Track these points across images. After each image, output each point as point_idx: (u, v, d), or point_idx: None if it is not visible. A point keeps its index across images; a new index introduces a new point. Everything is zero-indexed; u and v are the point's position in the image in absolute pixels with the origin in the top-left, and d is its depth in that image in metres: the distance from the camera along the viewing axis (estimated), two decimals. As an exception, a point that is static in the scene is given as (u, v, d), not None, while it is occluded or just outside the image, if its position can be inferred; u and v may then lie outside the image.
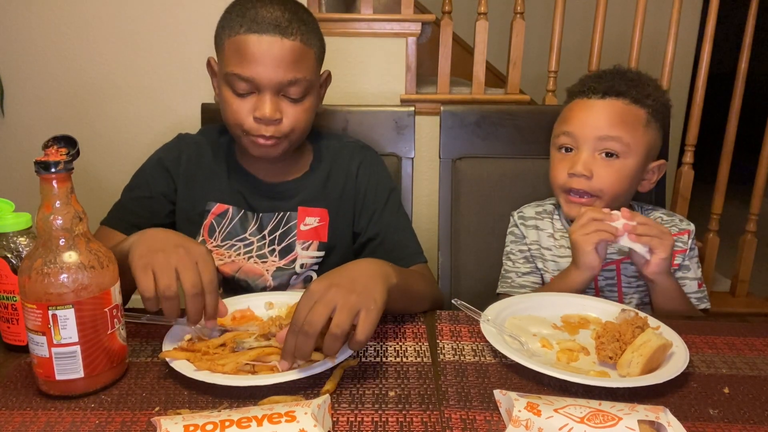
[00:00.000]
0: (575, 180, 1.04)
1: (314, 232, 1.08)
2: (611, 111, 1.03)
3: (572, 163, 1.04)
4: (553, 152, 1.10)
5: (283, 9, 0.95)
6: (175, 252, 0.75)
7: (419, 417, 0.66)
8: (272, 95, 0.95)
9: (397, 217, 1.12)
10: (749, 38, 2.03)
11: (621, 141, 1.02)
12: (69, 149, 0.67)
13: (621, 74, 1.08)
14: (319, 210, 1.08)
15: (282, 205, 1.07)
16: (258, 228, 1.07)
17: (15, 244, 0.75)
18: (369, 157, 1.14)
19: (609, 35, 2.05)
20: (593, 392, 0.70)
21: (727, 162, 2.15)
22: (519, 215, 1.18)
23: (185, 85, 1.98)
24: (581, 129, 1.04)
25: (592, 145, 1.03)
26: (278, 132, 0.97)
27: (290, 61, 0.94)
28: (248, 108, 0.96)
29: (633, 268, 1.08)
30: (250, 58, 0.92)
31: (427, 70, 2.37)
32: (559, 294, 1.05)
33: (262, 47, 0.92)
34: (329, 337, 0.69)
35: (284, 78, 0.94)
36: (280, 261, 1.07)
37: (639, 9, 1.95)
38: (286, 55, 0.93)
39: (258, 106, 0.95)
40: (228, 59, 0.95)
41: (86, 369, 0.68)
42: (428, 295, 0.97)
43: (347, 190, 1.10)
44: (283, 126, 0.97)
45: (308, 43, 0.96)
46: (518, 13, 1.95)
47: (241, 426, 0.58)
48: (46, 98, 1.99)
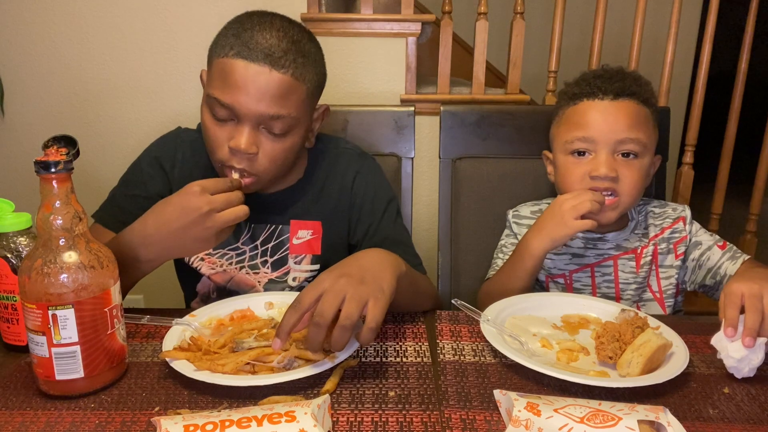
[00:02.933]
0: (598, 184, 1.01)
1: (307, 245, 1.05)
2: (627, 112, 1.02)
3: (594, 166, 1.01)
4: (564, 157, 1.06)
5: (281, 37, 0.88)
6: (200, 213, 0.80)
7: (419, 417, 0.66)
8: (251, 127, 0.88)
9: (395, 228, 1.07)
10: (749, 38, 2.03)
11: (639, 142, 1.01)
12: (69, 149, 0.67)
13: (624, 73, 1.06)
14: (312, 223, 1.05)
15: (274, 218, 1.04)
16: (250, 237, 1.05)
17: (15, 244, 0.75)
18: (366, 167, 1.09)
19: (609, 35, 2.05)
20: (593, 392, 0.70)
21: (727, 162, 2.15)
22: (514, 213, 1.18)
23: (185, 85, 1.98)
24: (599, 133, 1.01)
25: (611, 147, 1.01)
26: (251, 167, 0.90)
27: (275, 95, 0.87)
28: (225, 136, 0.90)
29: (631, 263, 1.08)
30: (233, 84, 0.86)
31: (427, 70, 2.37)
32: (559, 294, 1.06)
33: (247, 75, 0.85)
34: (338, 329, 0.69)
35: (266, 111, 0.87)
36: (273, 273, 1.05)
37: (639, 9, 1.95)
38: (272, 88, 0.86)
39: (234, 135, 0.89)
40: (212, 80, 0.90)
41: (86, 369, 0.68)
42: (431, 293, 0.97)
43: (342, 201, 1.07)
44: (258, 162, 0.91)
45: (300, 78, 0.89)
46: (518, 13, 1.95)
47: (241, 426, 0.58)
48: (46, 98, 1.99)
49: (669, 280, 1.08)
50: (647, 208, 1.13)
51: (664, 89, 1.97)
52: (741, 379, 0.74)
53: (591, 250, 1.10)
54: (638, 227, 1.11)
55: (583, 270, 1.10)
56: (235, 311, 0.88)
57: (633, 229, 1.10)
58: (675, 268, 1.08)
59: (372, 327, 0.69)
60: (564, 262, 1.11)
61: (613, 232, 1.10)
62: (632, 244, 1.09)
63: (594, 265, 1.09)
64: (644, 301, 1.09)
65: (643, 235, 1.10)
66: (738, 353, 0.73)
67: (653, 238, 1.09)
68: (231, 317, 0.88)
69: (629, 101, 1.02)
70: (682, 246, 1.08)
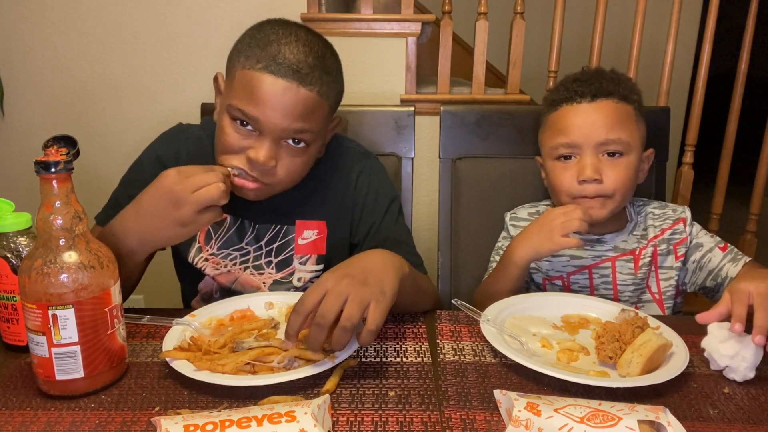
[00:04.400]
0: (586, 187, 1.02)
1: (312, 245, 1.05)
2: (606, 113, 1.02)
3: (579, 170, 1.02)
4: (551, 163, 1.07)
5: (307, 53, 0.88)
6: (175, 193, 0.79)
7: (419, 417, 0.66)
8: (273, 141, 0.88)
9: (396, 228, 1.07)
10: (749, 38, 2.03)
11: (621, 142, 1.02)
12: (69, 149, 0.67)
13: (601, 74, 1.07)
14: (317, 223, 1.05)
15: (279, 218, 1.04)
16: (255, 238, 1.04)
17: (15, 244, 0.75)
18: (369, 166, 1.09)
19: (609, 35, 2.05)
20: (593, 392, 0.70)
21: (727, 162, 2.15)
22: (512, 216, 1.18)
23: (185, 85, 1.98)
24: (581, 136, 1.02)
25: (594, 149, 1.02)
26: (265, 178, 0.91)
27: (301, 112, 0.87)
28: (244, 145, 0.89)
29: (629, 265, 1.08)
30: (259, 98, 0.86)
31: (427, 70, 2.36)
32: (559, 294, 1.05)
33: (275, 90, 0.85)
34: (339, 330, 0.69)
35: (290, 126, 0.88)
36: (277, 274, 1.05)
37: (639, 9, 1.95)
38: (299, 104, 0.87)
39: (255, 146, 0.88)
40: (236, 91, 0.89)
41: (86, 369, 0.68)
42: (433, 294, 0.97)
43: (345, 200, 1.06)
44: (275, 174, 0.91)
45: (324, 95, 0.90)
46: (518, 13, 1.95)
47: (241, 426, 0.58)
48: (46, 98, 1.99)
49: (669, 282, 1.08)
50: (647, 209, 1.13)
51: (664, 89, 1.97)
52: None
53: (589, 252, 1.10)
54: (637, 228, 1.10)
55: (581, 272, 1.10)
56: (235, 311, 0.88)
57: (631, 231, 1.10)
58: (675, 269, 1.08)
59: (372, 329, 0.70)
60: (562, 264, 1.11)
61: (611, 233, 1.10)
62: (630, 246, 1.09)
63: (592, 267, 1.09)
64: (643, 302, 1.09)
65: (642, 237, 1.10)
66: (730, 350, 0.73)
67: (652, 239, 1.09)
68: (231, 317, 0.88)
69: (607, 101, 1.03)
70: (682, 247, 1.08)
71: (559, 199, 1.08)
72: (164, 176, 0.81)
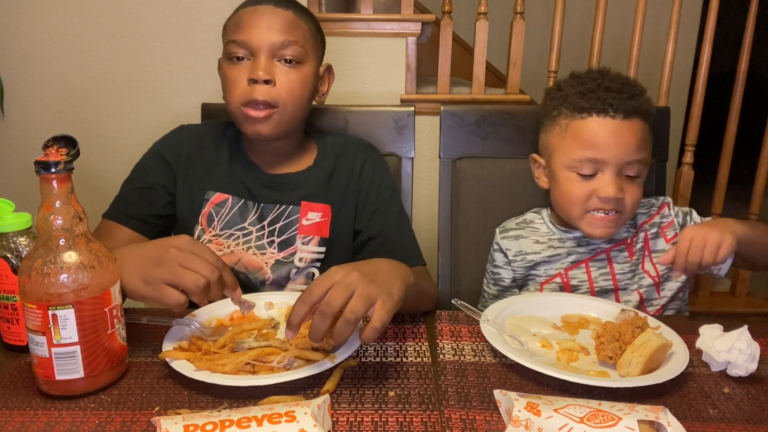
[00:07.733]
0: (604, 201, 1.00)
1: (316, 227, 1.08)
2: (636, 133, 1.00)
3: (601, 186, 1.00)
4: (567, 173, 1.04)
5: None
6: (168, 254, 0.75)
7: (419, 417, 0.66)
8: (266, 57, 0.99)
9: (399, 218, 1.12)
10: (749, 38, 2.03)
11: (644, 162, 1.02)
12: (69, 149, 0.67)
13: (634, 88, 1.03)
14: (322, 206, 1.09)
15: (285, 198, 1.08)
16: (258, 218, 1.07)
17: (15, 244, 0.75)
18: (373, 157, 1.15)
19: (609, 35, 2.05)
20: (593, 392, 0.70)
21: (727, 162, 2.15)
22: (501, 228, 1.18)
23: (185, 85, 1.97)
24: (609, 154, 0.99)
25: (618, 168, 1.00)
26: (270, 97, 0.99)
27: (283, 26, 1.00)
28: (243, 74, 1.00)
29: (623, 254, 1.09)
30: (245, 24, 1.00)
31: (427, 70, 2.36)
32: (559, 294, 1.06)
33: (257, 14, 1.00)
34: (342, 322, 0.68)
35: (277, 39, 0.99)
36: (279, 253, 1.07)
37: (639, 9, 1.95)
38: (279, 20, 1.00)
39: (252, 69, 0.99)
40: (227, 35, 1.02)
41: (86, 369, 0.68)
42: (434, 296, 0.99)
43: (351, 186, 1.11)
44: (277, 92, 1.00)
45: (301, 17, 1.03)
46: (518, 13, 1.95)
47: (241, 426, 0.58)
48: (46, 98, 1.99)
49: None
50: None
51: (664, 89, 1.97)
52: (741, 379, 0.74)
53: (583, 247, 1.10)
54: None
55: (578, 266, 1.10)
56: (235, 311, 0.88)
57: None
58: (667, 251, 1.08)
59: (376, 327, 0.68)
60: (559, 261, 1.11)
61: None
62: (621, 236, 1.10)
63: (588, 260, 1.10)
64: (645, 287, 1.09)
65: (631, 225, 1.11)
66: (725, 344, 0.74)
67: (642, 224, 1.11)
68: (231, 317, 0.88)
69: (638, 120, 1.01)
70: (670, 230, 1.10)
71: (567, 210, 1.06)
72: (179, 236, 0.79)
